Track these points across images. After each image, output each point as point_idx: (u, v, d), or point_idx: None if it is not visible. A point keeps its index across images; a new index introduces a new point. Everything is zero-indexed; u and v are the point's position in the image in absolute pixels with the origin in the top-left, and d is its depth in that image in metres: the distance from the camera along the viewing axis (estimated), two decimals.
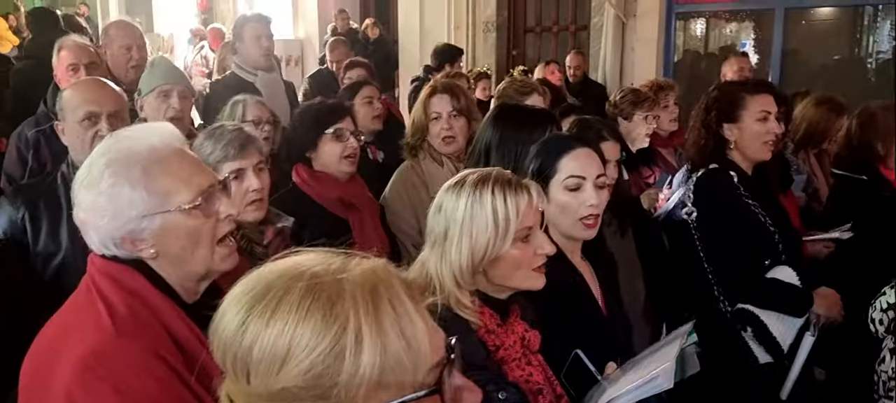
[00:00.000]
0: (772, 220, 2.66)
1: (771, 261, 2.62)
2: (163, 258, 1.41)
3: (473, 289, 1.59)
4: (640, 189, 3.63)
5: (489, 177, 1.59)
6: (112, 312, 1.34)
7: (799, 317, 2.59)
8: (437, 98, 2.94)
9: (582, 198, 1.93)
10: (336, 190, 2.61)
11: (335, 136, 2.59)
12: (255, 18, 4.34)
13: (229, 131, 2.15)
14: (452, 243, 1.56)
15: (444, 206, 1.60)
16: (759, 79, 3.60)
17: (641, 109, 3.80)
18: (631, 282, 2.73)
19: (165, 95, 2.97)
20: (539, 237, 1.61)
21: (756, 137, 2.66)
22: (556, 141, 2.05)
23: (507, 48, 8.67)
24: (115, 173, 1.37)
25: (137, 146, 1.41)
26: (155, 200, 1.37)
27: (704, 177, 2.69)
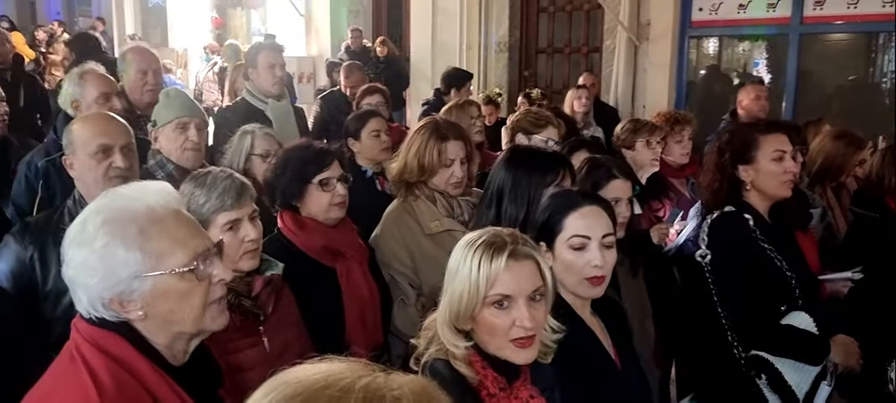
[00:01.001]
0: (788, 264, 2.60)
1: (787, 307, 2.56)
2: (151, 320, 1.38)
3: (470, 344, 1.60)
4: (650, 221, 3.58)
5: (481, 237, 1.61)
6: (98, 383, 1.30)
7: (815, 366, 2.53)
8: (452, 144, 2.83)
9: (587, 257, 1.89)
10: (322, 238, 2.51)
11: (321, 186, 2.50)
12: (269, 47, 4.35)
13: (223, 179, 2.08)
14: (444, 295, 1.62)
15: (450, 260, 1.65)
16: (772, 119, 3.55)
17: (641, 135, 3.77)
18: (641, 324, 2.69)
19: (183, 128, 2.95)
20: (520, 309, 1.57)
21: (772, 177, 2.62)
22: (564, 197, 2.01)
23: (519, 69, 8.66)
24: (111, 232, 1.34)
25: (134, 205, 1.39)
26: (149, 261, 1.35)
27: (719, 219, 2.64)
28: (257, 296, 2.10)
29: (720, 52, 7.95)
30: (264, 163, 3.20)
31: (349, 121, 3.90)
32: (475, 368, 1.58)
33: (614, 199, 2.51)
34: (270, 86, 4.14)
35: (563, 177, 2.36)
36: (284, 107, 4.21)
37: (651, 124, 3.92)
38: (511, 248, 1.58)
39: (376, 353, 2.53)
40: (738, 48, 7.93)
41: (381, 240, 2.81)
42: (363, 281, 2.56)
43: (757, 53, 7.86)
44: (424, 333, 1.65)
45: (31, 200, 3.09)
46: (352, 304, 2.50)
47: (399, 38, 10.37)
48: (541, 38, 8.66)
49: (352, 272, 2.54)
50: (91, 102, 3.29)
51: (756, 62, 7.94)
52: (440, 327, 1.60)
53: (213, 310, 1.44)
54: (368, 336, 2.55)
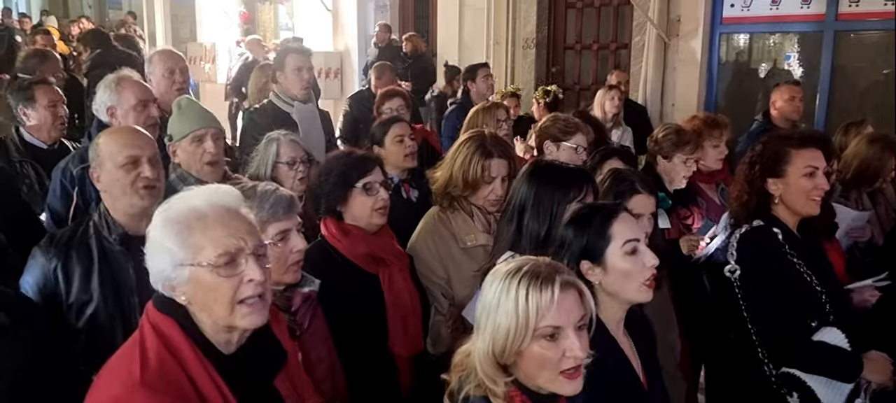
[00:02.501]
0: (818, 279, 2.56)
1: (818, 323, 2.52)
2: (194, 306, 1.56)
3: (510, 378, 1.56)
4: (679, 230, 3.55)
5: (522, 267, 1.56)
6: (144, 361, 1.49)
7: (847, 383, 2.49)
8: (497, 163, 2.82)
9: (642, 259, 1.91)
10: (365, 245, 2.56)
11: (364, 190, 2.54)
12: (296, 50, 4.35)
13: (272, 192, 2.13)
14: (481, 330, 1.56)
15: (483, 291, 1.60)
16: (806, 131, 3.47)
17: (683, 152, 3.68)
18: (664, 336, 2.67)
19: (199, 140, 2.95)
20: (570, 339, 1.54)
21: (802, 193, 2.57)
22: (598, 210, 2.00)
23: (546, 65, 8.61)
24: (165, 224, 1.55)
25: (188, 204, 1.58)
26: (186, 253, 1.53)
27: (748, 234, 2.60)
28: (296, 311, 2.15)
29: (751, 48, 7.82)
30: (291, 170, 3.21)
31: (374, 128, 3.90)
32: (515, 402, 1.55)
33: (636, 215, 2.49)
34: (298, 91, 4.16)
35: (586, 193, 2.35)
36: (310, 109, 4.23)
37: (696, 142, 3.82)
38: (560, 278, 1.55)
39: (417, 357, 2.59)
40: (768, 43, 7.80)
41: (418, 249, 2.83)
42: (404, 287, 2.59)
43: (788, 49, 7.72)
44: (456, 369, 1.62)
45: (67, 207, 3.13)
46: (394, 310, 2.54)
47: (426, 34, 10.35)
48: (569, 34, 8.60)
49: (394, 278, 2.57)
50: (129, 109, 3.29)
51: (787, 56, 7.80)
52: (480, 363, 1.54)
53: (243, 309, 1.55)
54: (410, 341, 2.58)
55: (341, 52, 10.81)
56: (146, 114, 3.30)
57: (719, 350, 2.84)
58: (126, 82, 3.34)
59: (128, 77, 3.39)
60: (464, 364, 1.60)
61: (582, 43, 8.49)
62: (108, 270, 2.34)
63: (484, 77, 6.13)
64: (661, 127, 3.93)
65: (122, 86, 3.32)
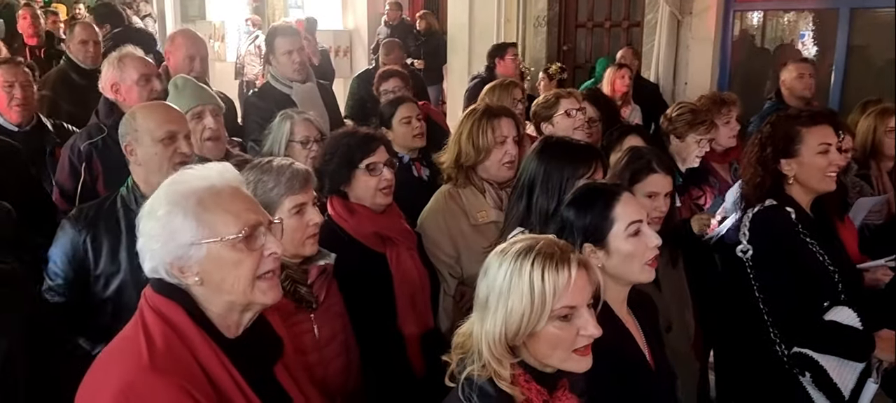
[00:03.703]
0: (831, 258, 2.54)
1: (830, 302, 2.50)
2: (206, 286, 1.50)
3: (516, 360, 1.53)
4: (690, 210, 3.51)
5: (534, 247, 1.52)
6: (151, 345, 1.44)
7: (860, 362, 2.47)
8: (505, 121, 2.84)
9: (645, 240, 1.89)
10: (372, 224, 2.55)
11: (368, 170, 2.52)
12: (283, 32, 4.30)
13: (288, 166, 2.15)
14: (490, 311, 1.51)
15: (489, 271, 1.55)
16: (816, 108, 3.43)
17: (697, 132, 3.64)
18: (681, 315, 2.66)
19: (199, 117, 2.96)
20: (583, 317, 1.52)
21: (818, 171, 2.55)
22: (599, 192, 1.97)
23: (557, 43, 8.53)
24: (172, 202, 1.49)
25: (197, 182, 1.53)
26: (204, 230, 1.48)
27: (760, 213, 2.58)
28: (312, 284, 2.18)
29: (765, 26, 7.70)
30: (304, 149, 3.22)
31: (382, 108, 3.89)
32: (519, 383, 1.52)
33: (652, 193, 2.47)
34: (291, 73, 4.14)
35: (595, 169, 2.33)
36: (309, 89, 4.20)
37: (710, 121, 3.78)
38: (575, 258, 1.54)
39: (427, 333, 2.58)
40: (783, 18, 7.68)
41: (426, 227, 2.82)
42: (412, 266, 2.58)
43: (803, 26, 7.60)
44: (457, 351, 1.58)
45: (75, 183, 3.16)
46: (402, 289, 2.53)
47: (436, 12, 10.27)
48: (580, 12, 8.51)
49: (401, 257, 2.56)
50: (132, 85, 3.31)
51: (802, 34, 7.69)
52: (489, 346, 1.50)
53: (262, 284, 1.53)
54: (419, 319, 2.58)
55: (350, 30, 10.76)
56: (149, 88, 3.32)
57: (731, 330, 2.82)
58: (128, 58, 3.37)
59: (130, 53, 3.41)
60: (464, 346, 1.56)
61: (594, 20, 8.41)
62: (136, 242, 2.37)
63: (513, 57, 6.16)
64: (675, 105, 3.88)
65: (123, 62, 3.35)
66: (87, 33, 4.80)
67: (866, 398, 2.45)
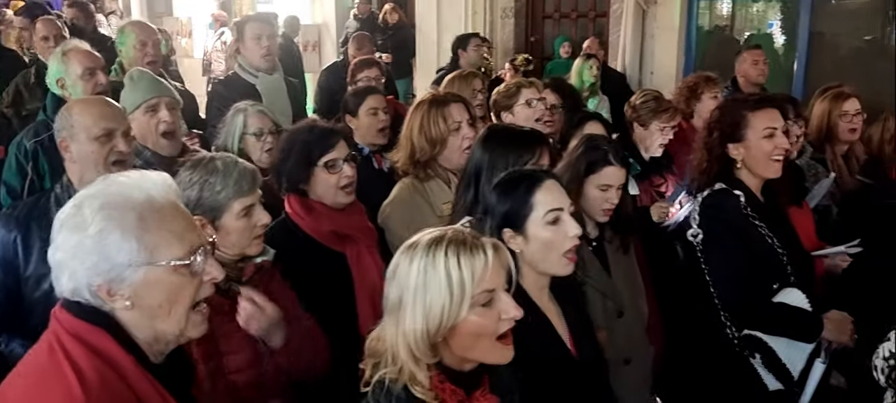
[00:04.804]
0: (780, 241, 2.56)
1: (779, 284, 2.52)
2: (136, 311, 1.35)
3: (434, 361, 1.46)
4: (652, 198, 3.53)
5: (443, 237, 1.47)
6: (82, 380, 1.27)
7: (809, 343, 2.49)
8: (454, 107, 2.78)
9: (564, 229, 1.86)
10: (330, 222, 2.45)
11: (327, 168, 2.42)
12: (255, 18, 4.30)
13: (235, 165, 2.06)
14: (406, 312, 1.44)
15: (398, 271, 1.49)
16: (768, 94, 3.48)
17: (660, 120, 3.66)
18: (633, 301, 2.66)
19: (154, 109, 2.89)
20: (503, 301, 1.48)
21: (763, 155, 2.56)
22: (523, 177, 1.94)
23: (525, 34, 8.56)
24: (108, 217, 1.32)
25: (134, 193, 1.36)
26: (144, 252, 1.33)
27: (710, 198, 2.59)
28: (249, 281, 2.09)
29: (733, 15, 7.76)
30: (259, 141, 3.17)
31: (348, 96, 3.83)
32: (434, 385, 1.46)
33: (606, 185, 2.47)
34: (259, 60, 4.07)
35: (540, 156, 2.32)
36: (275, 81, 4.14)
37: (674, 109, 3.81)
38: (486, 241, 1.50)
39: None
40: (752, 10, 7.74)
41: (390, 222, 2.75)
42: (373, 264, 2.50)
43: (771, 15, 7.67)
44: (370, 358, 1.51)
45: (22, 181, 3.10)
46: (363, 289, 2.45)
47: (404, 5, 10.23)
48: (547, 3, 8.56)
49: (361, 256, 2.48)
50: (76, 79, 3.25)
51: (770, 24, 7.76)
52: (409, 348, 1.43)
53: (196, 317, 1.42)
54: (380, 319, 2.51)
55: (319, 24, 10.70)
56: (94, 81, 3.26)
57: (685, 314, 2.84)
58: (72, 52, 3.31)
59: (74, 47, 3.35)
60: (377, 351, 1.49)
61: (561, 11, 8.46)
62: None
63: (475, 47, 6.08)
64: (640, 93, 3.91)
65: (67, 57, 3.29)
66: (47, 29, 4.76)
67: (814, 377, 2.49)
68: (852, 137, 3.82)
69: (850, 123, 3.80)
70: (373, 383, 1.47)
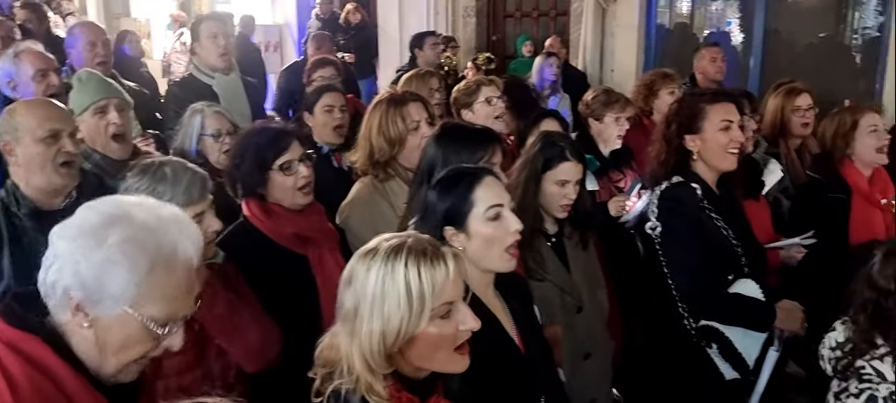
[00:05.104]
0: (735, 233, 2.61)
1: (734, 276, 2.57)
2: (90, 334, 1.32)
3: (389, 371, 1.43)
4: (611, 193, 3.58)
5: (403, 245, 1.43)
6: (13, 387, 1.24)
7: (763, 332, 2.55)
8: (413, 106, 2.77)
9: (505, 225, 1.85)
10: (291, 225, 2.40)
11: (282, 170, 2.36)
12: (211, 17, 4.27)
13: (183, 171, 2.01)
14: (363, 322, 1.40)
15: (355, 278, 1.45)
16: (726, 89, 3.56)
17: (612, 110, 3.72)
18: (593, 294, 2.69)
19: (102, 111, 2.82)
20: (461, 312, 1.45)
21: (719, 147, 2.60)
22: (463, 174, 1.93)
23: (487, 33, 8.59)
24: (126, 253, 1.28)
25: (164, 243, 1.32)
26: (137, 300, 1.30)
27: (668, 191, 2.63)
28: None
29: (692, 13, 7.88)
30: (217, 142, 3.15)
31: (308, 94, 3.82)
32: (390, 394, 1.43)
33: (564, 181, 2.50)
34: (215, 60, 4.03)
35: (493, 153, 2.32)
36: (232, 81, 4.10)
37: (625, 99, 3.87)
38: (447, 251, 1.47)
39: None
40: (710, 8, 7.87)
41: (351, 222, 2.71)
42: (336, 266, 2.40)
43: (729, 14, 7.81)
44: (322, 367, 1.47)
45: None
46: (326, 292, 2.35)
47: (366, 4, 10.20)
48: (509, 2, 8.60)
49: (324, 259, 2.45)
50: (28, 80, 3.21)
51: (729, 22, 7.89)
52: (364, 360, 1.40)
53: (134, 366, 1.37)
54: None
55: (281, 25, 10.61)
56: (46, 83, 3.21)
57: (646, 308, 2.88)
58: (24, 54, 3.26)
59: (27, 48, 3.30)
60: (330, 360, 1.46)
61: (522, 10, 8.50)
62: (20, 249, 2.26)
63: (432, 45, 6.07)
64: (591, 90, 3.98)
65: (19, 58, 3.24)
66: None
67: (768, 365, 2.54)
68: (805, 131, 3.91)
69: (802, 118, 3.88)
70: (328, 393, 1.43)
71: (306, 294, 2.38)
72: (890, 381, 1.95)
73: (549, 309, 2.43)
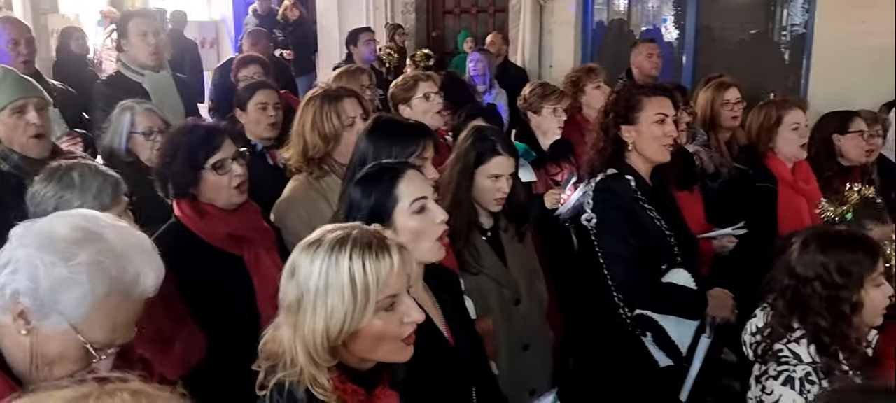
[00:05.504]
0: (668, 224, 2.66)
1: (667, 265, 2.63)
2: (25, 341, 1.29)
3: (333, 364, 1.41)
4: (548, 186, 3.61)
5: (348, 237, 1.41)
6: None
7: (695, 320, 2.61)
8: (348, 102, 2.73)
9: (431, 216, 1.84)
10: (225, 225, 2.34)
11: (215, 169, 2.29)
12: (140, 13, 4.13)
13: (92, 175, 1.94)
14: (306, 315, 1.38)
15: (299, 271, 1.42)
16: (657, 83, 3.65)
17: (549, 102, 3.77)
18: (531, 286, 2.71)
19: (21, 111, 2.72)
20: (405, 303, 1.44)
21: (653, 140, 2.65)
22: (384, 170, 1.92)
23: (427, 29, 8.58)
24: (90, 275, 1.27)
25: (128, 272, 1.31)
26: (82, 320, 1.28)
27: (602, 183, 2.67)
28: None
29: (629, 10, 8.02)
30: (148, 140, 3.07)
31: (240, 91, 3.75)
32: (335, 387, 1.40)
33: (496, 175, 2.51)
34: (146, 57, 3.91)
35: (425, 148, 2.31)
36: (163, 78, 3.98)
37: (560, 91, 3.92)
38: (392, 243, 1.46)
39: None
40: (647, 6, 8.03)
41: (286, 220, 2.65)
42: (273, 266, 2.37)
43: (665, 11, 7.97)
44: (265, 359, 1.45)
45: None
46: (264, 292, 2.32)
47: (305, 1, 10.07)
48: None
49: (260, 259, 2.39)
50: None
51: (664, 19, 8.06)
52: (307, 353, 1.38)
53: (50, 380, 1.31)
54: None
55: (217, 21, 10.39)
56: None
57: (583, 300, 2.92)
58: None
59: None
60: (273, 353, 1.44)
61: (461, 7, 8.52)
62: None
63: (366, 42, 6.02)
64: (528, 85, 4.02)
65: None
66: None
67: (700, 352, 2.60)
68: (734, 124, 4.04)
69: (731, 111, 4.01)
70: (271, 386, 1.41)
71: (243, 295, 2.32)
72: (806, 362, 2.02)
73: (485, 302, 2.45)
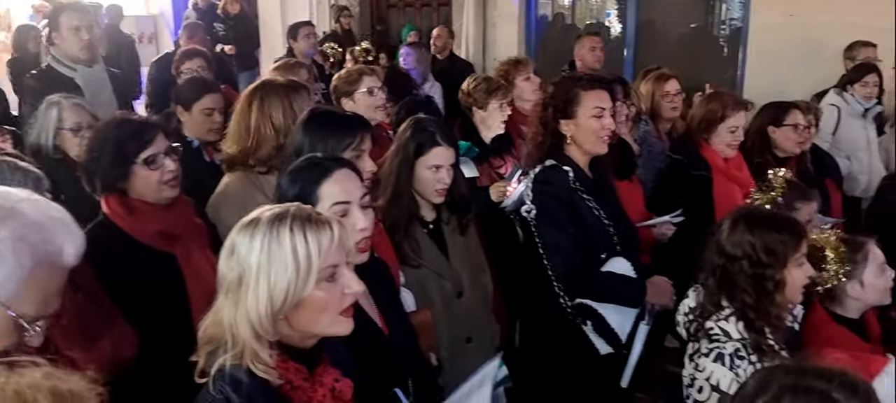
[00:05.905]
0: (607, 213, 2.69)
1: (607, 254, 2.66)
2: None
3: (274, 339, 1.44)
4: (492, 179, 3.61)
5: (287, 213, 1.44)
6: None
7: (635, 307, 2.65)
8: (300, 97, 2.68)
9: (350, 222, 1.80)
10: (156, 221, 2.28)
11: (147, 164, 2.24)
12: (71, 7, 3.96)
13: (10, 172, 1.88)
14: (248, 289, 1.40)
15: (238, 249, 1.44)
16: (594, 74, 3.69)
17: (496, 97, 3.76)
18: (475, 278, 2.70)
19: None
20: (346, 275, 1.48)
21: (591, 133, 2.68)
22: (313, 166, 1.88)
23: (371, 23, 8.52)
24: (15, 250, 1.29)
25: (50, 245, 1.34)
26: (10, 294, 1.30)
27: (540, 174, 2.69)
28: None
29: (574, 5, 8.11)
30: (76, 136, 2.98)
31: (182, 87, 3.64)
32: (277, 364, 1.43)
33: (436, 166, 2.50)
34: (77, 51, 3.79)
35: (361, 140, 2.29)
36: (96, 73, 3.87)
37: (505, 87, 3.91)
38: (331, 217, 1.49)
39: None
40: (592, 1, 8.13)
41: (223, 215, 2.57)
42: (206, 263, 2.30)
43: (610, 6, 8.09)
44: (205, 346, 1.46)
45: None
46: (197, 290, 2.26)
47: None
48: None
49: (192, 256, 2.33)
50: None
51: (608, 13, 8.18)
52: (252, 327, 1.39)
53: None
54: None
55: (155, 15, 10.14)
56: None
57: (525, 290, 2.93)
58: None
59: None
60: (213, 337, 1.44)
61: (405, 1, 8.48)
62: None
63: (306, 35, 5.94)
64: (470, 79, 4.00)
65: None
66: None
67: (640, 339, 2.64)
68: (674, 115, 4.13)
69: (671, 103, 4.10)
70: (213, 372, 1.41)
71: (174, 293, 2.26)
72: (735, 339, 2.06)
73: (425, 295, 2.44)
